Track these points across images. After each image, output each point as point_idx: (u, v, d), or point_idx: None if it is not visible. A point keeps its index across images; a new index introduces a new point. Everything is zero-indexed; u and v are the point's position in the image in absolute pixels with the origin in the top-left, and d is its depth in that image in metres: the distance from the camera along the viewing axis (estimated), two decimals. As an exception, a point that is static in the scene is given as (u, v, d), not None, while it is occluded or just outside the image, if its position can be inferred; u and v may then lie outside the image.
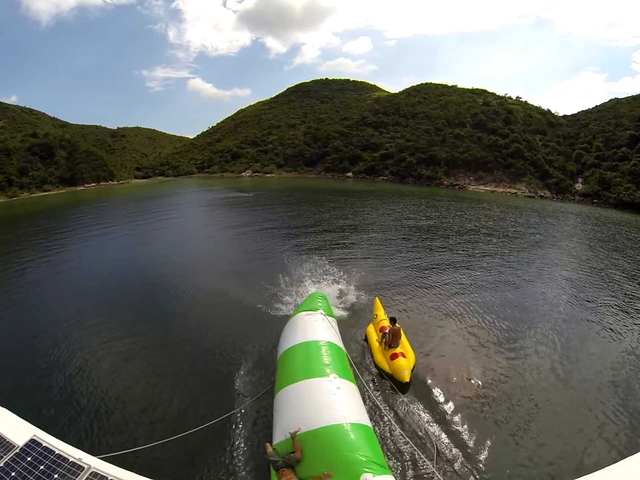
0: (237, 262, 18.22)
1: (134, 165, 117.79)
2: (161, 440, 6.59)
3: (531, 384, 8.71)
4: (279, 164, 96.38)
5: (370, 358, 9.77)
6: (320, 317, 9.30)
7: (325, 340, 8.25)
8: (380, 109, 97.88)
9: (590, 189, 59.86)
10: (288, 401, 6.73)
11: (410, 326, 11.25)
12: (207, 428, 6.97)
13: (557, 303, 13.67)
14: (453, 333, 11.09)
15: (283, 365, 7.85)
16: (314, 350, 7.83)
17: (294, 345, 8.16)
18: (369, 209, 36.37)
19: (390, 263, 18.06)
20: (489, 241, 23.35)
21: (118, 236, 25.71)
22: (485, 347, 10.31)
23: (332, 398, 6.56)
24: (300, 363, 7.54)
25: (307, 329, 8.72)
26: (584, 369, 9.48)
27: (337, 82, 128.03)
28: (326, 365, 7.33)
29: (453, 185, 68.97)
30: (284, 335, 8.98)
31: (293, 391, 6.82)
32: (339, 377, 7.03)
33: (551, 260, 19.66)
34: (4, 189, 67.77)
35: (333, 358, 7.66)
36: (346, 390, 6.89)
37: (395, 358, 9.11)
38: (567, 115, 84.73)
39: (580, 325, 12.02)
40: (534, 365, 9.51)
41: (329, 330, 8.83)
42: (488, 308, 12.74)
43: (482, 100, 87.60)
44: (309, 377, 6.99)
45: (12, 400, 5.88)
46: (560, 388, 8.67)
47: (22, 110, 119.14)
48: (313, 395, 6.62)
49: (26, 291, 15.42)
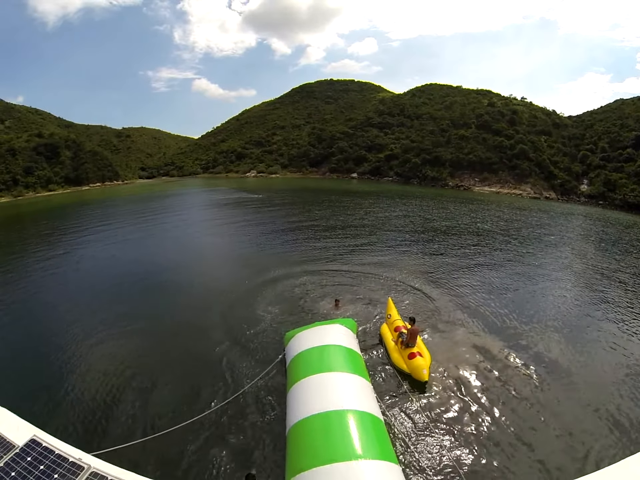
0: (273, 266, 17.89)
1: (139, 165, 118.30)
2: (167, 429, 6.98)
3: (550, 388, 8.90)
4: (283, 165, 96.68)
5: (385, 357, 10.07)
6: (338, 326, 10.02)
7: (339, 344, 8.96)
8: (385, 110, 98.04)
9: (595, 190, 59.88)
10: (302, 392, 7.42)
11: (432, 326, 11.64)
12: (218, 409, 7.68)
13: (577, 306, 13.98)
14: (471, 335, 11.34)
15: (297, 365, 8.46)
16: (328, 351, 8.62)
17: (308, 349, 8.84)
18: (381, 209, 36.79)
19: (412, 263, 18.45)
20: (507, 242, 23.90)
21: (152, 237, 26.30)
22: (502, 349, 10.54)
23: (342, 388, 7.37)
24: (315, 361, 8.30)
25: (323, 334, 9.54)
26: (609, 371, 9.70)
27: (341, 83, 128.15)
28: (339, 362, 8.23)
29: (458, 187, 69.08)
30: (296, 341, 9.51)
31: (306, 383, 7.56)
32: (353, 373, 7.85)
33: (566, 263, 20.00)
34: (9, 188, 68.42)
35: (345, 357, 8.51)
36: (359, 384, 7.65)
37: (413, 357, 9.29)
38: (572, 116, 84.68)
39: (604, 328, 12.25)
40: (554, 369, 9.72)
41: (344, 336, 9.50)
42: (508, 310, 12.99)
43: (487, 101, 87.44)
44: (323, 371, 7.82)
45: (12, 400, 5.93)
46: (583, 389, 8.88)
47: (28, 111, 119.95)
48: (325, 386, 7.39)
49: (24, 291, 15.63)
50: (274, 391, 8.58)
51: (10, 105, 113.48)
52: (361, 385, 7.64)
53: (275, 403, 8.21)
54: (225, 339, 10.93)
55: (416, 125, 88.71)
